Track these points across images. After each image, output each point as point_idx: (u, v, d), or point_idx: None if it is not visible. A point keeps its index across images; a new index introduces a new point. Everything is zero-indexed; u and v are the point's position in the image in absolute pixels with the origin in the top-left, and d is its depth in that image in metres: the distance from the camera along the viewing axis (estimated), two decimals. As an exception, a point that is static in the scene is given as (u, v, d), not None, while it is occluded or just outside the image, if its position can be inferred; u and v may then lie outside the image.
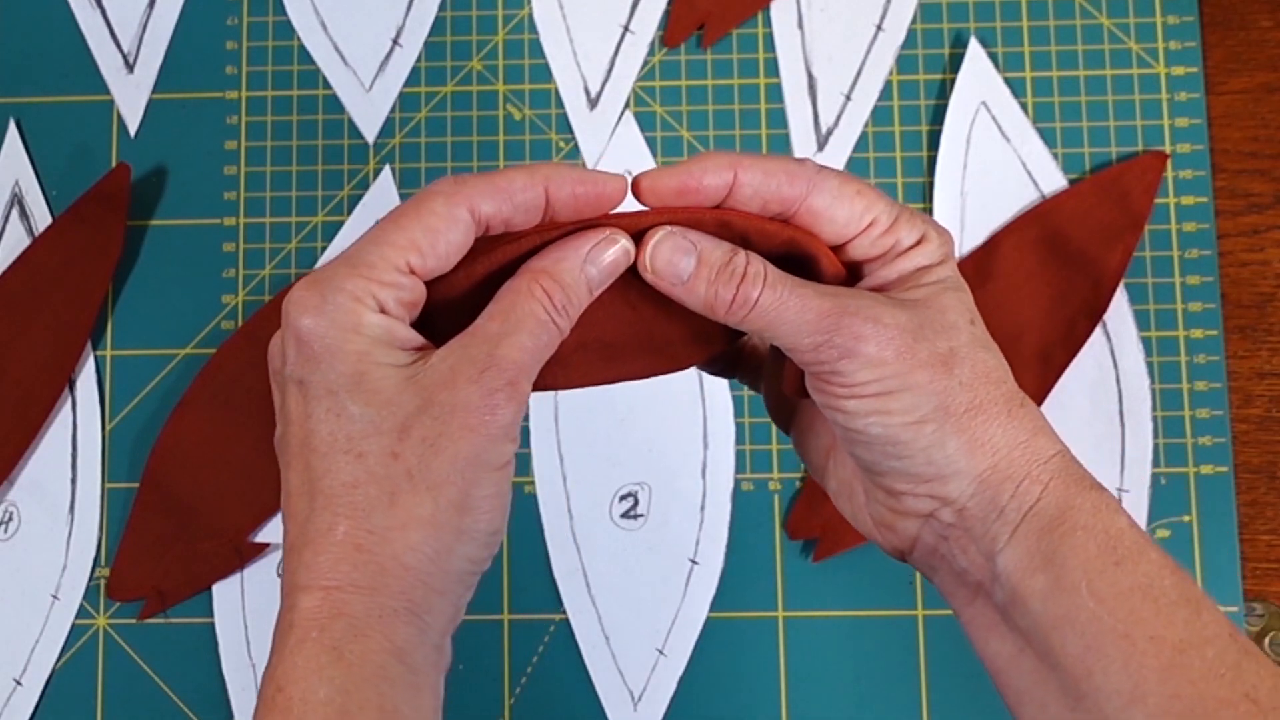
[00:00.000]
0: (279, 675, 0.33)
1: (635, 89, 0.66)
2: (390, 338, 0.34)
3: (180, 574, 0.61)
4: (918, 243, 0.37)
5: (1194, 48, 0.65)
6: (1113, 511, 0.35)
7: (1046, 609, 0.34)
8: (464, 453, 0.33)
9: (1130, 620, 0.33)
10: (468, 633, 0.61)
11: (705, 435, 0.62)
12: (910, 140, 0.65)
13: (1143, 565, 0.34)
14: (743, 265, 0.35)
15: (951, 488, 0.36)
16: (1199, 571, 0.60)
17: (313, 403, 0.34)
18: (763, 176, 0.36)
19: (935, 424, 0.35)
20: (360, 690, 0.32)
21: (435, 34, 0.67)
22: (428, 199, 0.35)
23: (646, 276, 0.36)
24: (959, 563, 0.37)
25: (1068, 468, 0.36)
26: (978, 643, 0.37)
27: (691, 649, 0.60)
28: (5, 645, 0.61)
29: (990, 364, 0.36)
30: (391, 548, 0.33)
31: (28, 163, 0.66)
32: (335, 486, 0.33)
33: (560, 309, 0.35)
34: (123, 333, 0.64)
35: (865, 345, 0.35)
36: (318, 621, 0.33)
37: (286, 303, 0.34)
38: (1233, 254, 0.63)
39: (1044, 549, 0.34)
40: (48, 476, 0.63)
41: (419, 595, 0.34)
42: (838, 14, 0.66)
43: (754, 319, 0.36)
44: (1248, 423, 0.62)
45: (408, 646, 0.33)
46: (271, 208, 0.65)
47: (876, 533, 0.39)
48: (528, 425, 0.62)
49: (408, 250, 0.34)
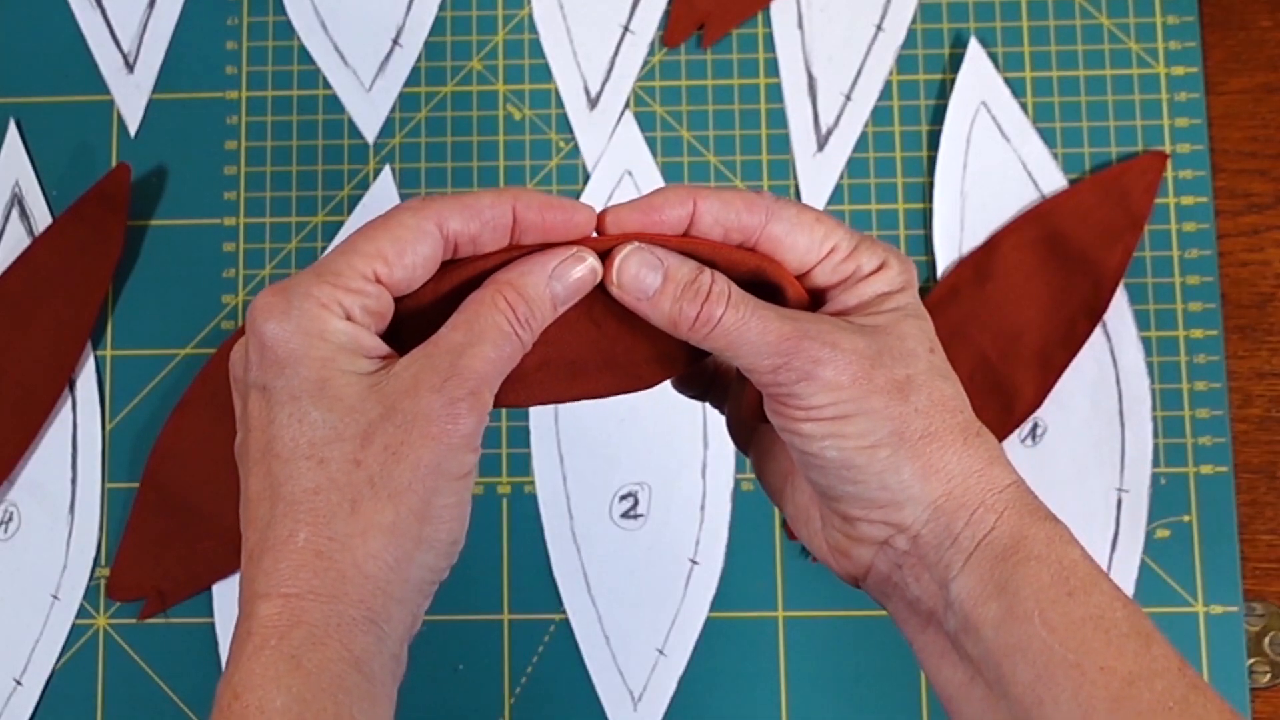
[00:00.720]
0: (235, 682, 0.32)
1: (635, 89, 0.66)
2: (355, 345, 0.34)
3: (180, 574, 0.61)
4: (878, 269, 0.37)
5: (1194, 48, 0.65)
6: (1066, 543, 0.35)
7: (998, 637, 0.34)
8: (425, 461, 0.33)
9: (1081, 650, 0.33)
10: (468, 633, 0.61)
11: (705, 435, 0.62)
12: (910, 140, 0.65)
13: (1095, 596, 0.34)
14: (708, 284, 0.36)
15: (906, 514, 0.36)
16: (1199, 571, 0.60)
17: (275, 408, 0.34)
18: (721, 206, 0.36)
19: (890, 449, 0.35)
20: (317, 699, 0.32)
21: (435, 34, 0.67)
22: (396, 214, 0.35)
23: (613, 290, 0.36)
24: (912, 591, 0.37)
25: (1023, 498, 0.36)
26: (930, 671, 0.38)
27: (691, 649, 0.60)
28: (5, 645, 0.61)
29: (947, 393, 0.36)
30: (352, 555, 0.33)
31: (28, 163, 0.66)
32: (297, 492, 0.33)
33: (523, 322, 0.35)
34: (123, 333, 0.64)
35: (823, 369, 0.35)
36: (276, 629, 0.33)
37: (251, 309, 0.34)
38: (1233, 254, 0.63)
39: (997, 577, 0.35)
40: (48, 476, 0.63)
41: (378, 604, 0.33)
42: (838, 14, 0.66)
43: (716, 338, 0.36)
44: (1248, 423, 0.62)
45: (365, 656, 0.33)
46: (271, 208, 0.65)
47: (831, 559, 0.39)
48: (527, 425, 0.62)
49: (374, 260, 0.34)
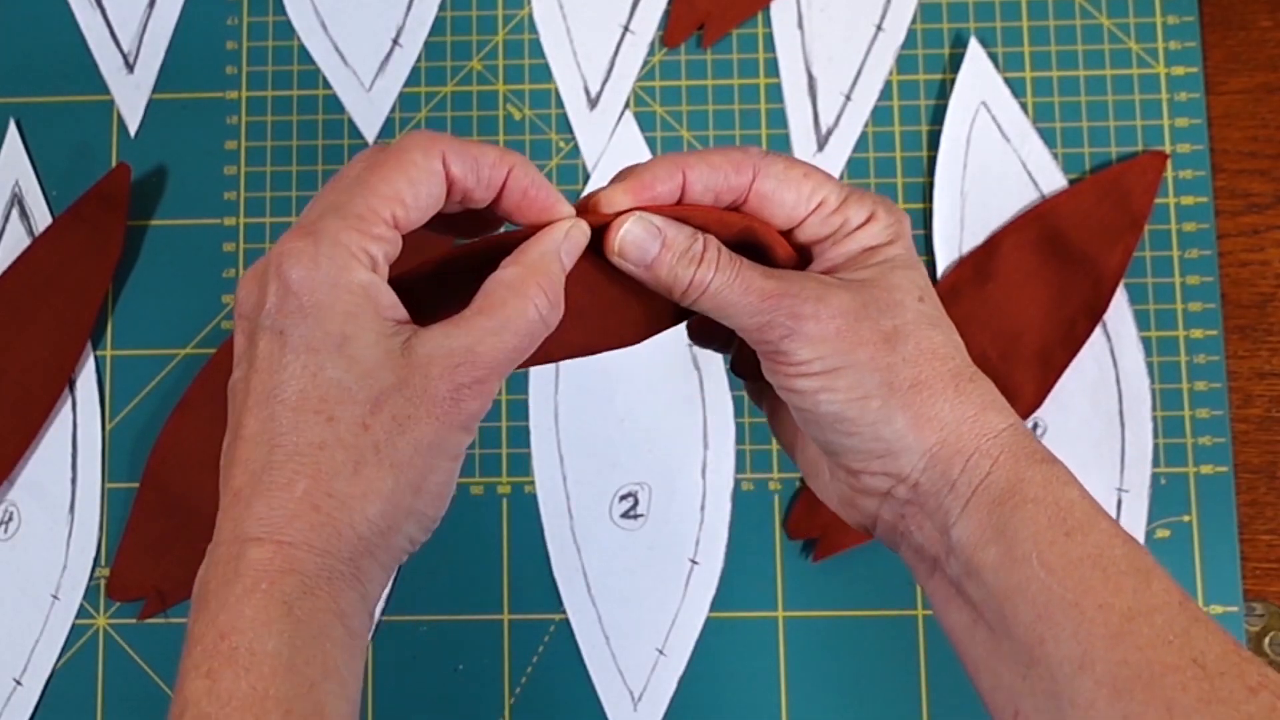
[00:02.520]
0: (222, 622, 0.32)
1: (635, 89, 0.66)
2: (379, 302, 0.34)
3: (180, 574, 0.61)
4: (866, 221, 0.38)
5: (1194, 48, 0.65)
6: (1063, 483, 0.36)
7: (998, 580, 0.35)
8: (428, 438, 0.34)
9: (1080, 589, 0.34)
10: (468, 633, 0.61)
11: (705, 435, 0.62)
12: (910, 140, 0.65)
13: (1093, 535, 0.35)
14: (700, 250, 0.37)
15: (903, 463, 0.37)
16: (1199, 571, 0.60)
17: (289, 354, 0.34)
18: (709, 170, 0.37)
19: (880, 400, 0.36)
20: (307, 646, 0.33)
21: (435, 34, 0.67)
22: (406, 149, 0.35)
23: (612, 258, 0.37)
24: (916, 538, 0.38)
25: (1019, 441, 0.36)
26: (938, 614, 0.38)
27: (691, 649, 0.60)
28: (5, 645, 0.61)
29: (936, 341, 0.37)
30: (349, 515, 0.33)
31: (28, 163, 0.66)
32: (301, 444, 0.33)
33: (554, 305, 0.36)
34: (123, 333, 0.64)
35: (806, 324, 0.36)
36: (268, 574, 0.33)
37: (277, 251, 0.34)
38: (1233, 254, 0.63)
39: (995, 521, 0.35)
40: (48, 476, 0.63)
41: (364, 564, 0.34)
42: (838, 14, 0.66)
43: (705, 300, 0.37)
44: (1248, 423, 0.62)
45: (349, 610, 0.34)
46: (271, 208, 0.65)
47: (842, 510, 0.40)
48: (527, 425, 0.62)
49: (393, 202, 0.34)
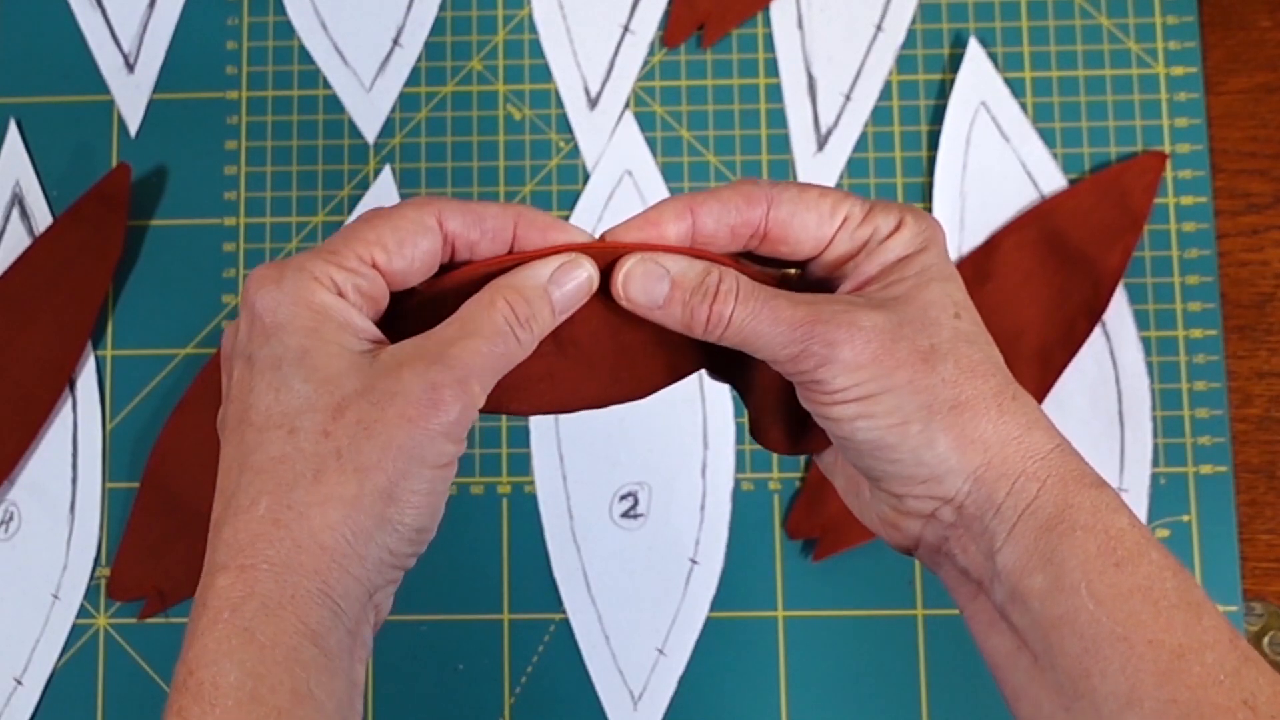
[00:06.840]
0: (190, 658, 0.32)
1: (635, 89, 0.66)
2: (344, 320, 0.34)
3: (180, 574, 0.61)
4: (896, 229, 0.36)
5: (1194, 48, 0.65)
6: (1113, 510, 0.35)
7: (1045, 609, 0.34)
8: (397, 441, 0.33)
9: (1129, 623, 0.33)
10: (468, 633, 0.61)
11: (705, 435, 0.62)
12: (910, 140, 0.65)
13: (1143, 566, 0.34)
14: (715, 283, 0.36)
15: (947, 486, 0.35)
16: (1199, 571, 0.60)
17: (256, 376, 0.34)
18: (720, 206, 0.36)
19: (921, 424, 0.35)
20: (271, 673, 0.32)
21: (435, 34, 0.67)
22: (400, 207, 0.35)
23: (622, 303, 0.36)
24: (960, 561, 0.37)
25: (1066, 463, 0.35)
26: (979, 638, 0.37)
27: (691, 649, 0.60)
28: (6, 645, 0.61)
29: (976, 358, 0.35)
30: (309, 524, 0.33)
31: (28, 163, 0.66)
32: (263, 461, 0.33)
33: (523, 321, 0.35)
34: (123, 333, 0.64)
35: (841, 351, 0.34)
36: (230, 602, 0.32)
37: (246, 281, 0.35)
38: (1232, 254, 0.63)
39: (1042, 548, 0.34)
40: (48, 476, 0.63)
41: (334, 578, 0.33)
42: (838, 14, 0.66)
43: (730, 335, 0.36)
44: (1247, 423, 0.62)
45: (321, 629, 0.33)
46: (271, 208, 0.65)
47: (882, 530, 0.39)
48: (527, 425, 0.62)
49: (373, 246, 0.35)
